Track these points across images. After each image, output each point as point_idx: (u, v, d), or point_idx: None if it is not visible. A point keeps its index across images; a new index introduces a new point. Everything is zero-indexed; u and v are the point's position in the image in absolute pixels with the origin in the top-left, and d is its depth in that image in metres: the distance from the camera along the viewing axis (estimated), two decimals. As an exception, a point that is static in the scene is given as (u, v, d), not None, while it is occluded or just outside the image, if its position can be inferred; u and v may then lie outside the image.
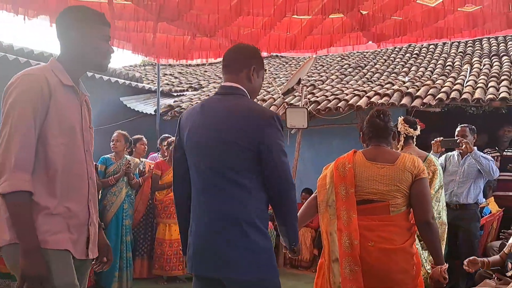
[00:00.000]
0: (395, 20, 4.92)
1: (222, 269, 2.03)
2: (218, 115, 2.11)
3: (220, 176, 2.06)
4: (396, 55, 10.51)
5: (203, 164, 2.11)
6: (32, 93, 1.83)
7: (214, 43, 5.79)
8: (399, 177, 2.59)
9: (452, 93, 6.44)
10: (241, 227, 2.02)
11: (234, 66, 2.22)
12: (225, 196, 2.05)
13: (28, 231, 1.75)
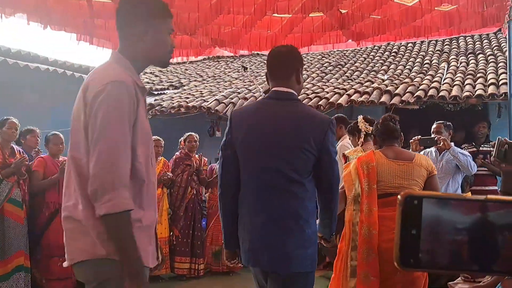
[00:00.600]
0: (373, 19, 5.00)
1: (281, 262, 2.15)
2: (280, 120, 2.21)
3: (281, 176, 2.16)
4: (376, 54, 10.64)
5: (263, 164, 2.20)
6: (126, 104, 1.66)
7: (195, 42, 5.79)
8: (417, 173, 2.94)
9: (430, 91, 6.56)
10: (299, 224, 2.16)
11: (284, 72, 2.29)
12: (286, 194, 2.17)
13: (134, 251, 1.64)
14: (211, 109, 7.60)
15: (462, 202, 0.64)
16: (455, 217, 0.64)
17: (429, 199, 0.64)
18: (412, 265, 0.64)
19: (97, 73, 1.76)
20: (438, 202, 0.64)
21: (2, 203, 4.35)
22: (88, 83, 1.71)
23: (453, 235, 0.64)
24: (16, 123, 4.59)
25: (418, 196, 0.64)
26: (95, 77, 1.72)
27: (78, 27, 5.10)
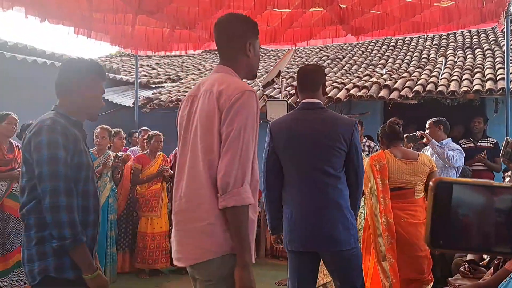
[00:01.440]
0: (373, 14, 5.00)
1: (330, 244, 2.61)
2: (314, 126, 2.67)
3: (321, 172, 2.62)
4: (374, 47, 10.64)
5: (305, 164, 2.65)
6: (256, 111, 1.85)
7: (194, 35, 5.77)
8: (421, 170, 3.53)
9: (428, 86, 6.58)
10: (341, 210, 2.61)
11: (312, 86, 2.76)
12: (327, 187, 2.62)
13: (249, 244, 1.80)
14: (209, 103, 7.58)
15: (489, 188, 0.68)
16: (482, 202, 0.68)
17: (459, 184, 0.68)
18: (441, 246, 0.69)
19: (224, 82, 1.88)
20: (467, 187, 0.69)
21: (2, 199, 4.34)
22: (221, 91, 1.84)
23: (480, 218, 0.68)
24: (15, 118, 4.56)
25: (449, 182, 0.68)
26: (225, 86, 1.85)
27: (76, 21, 5.07)
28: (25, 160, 1.98)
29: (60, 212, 1.89)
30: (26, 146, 1.98)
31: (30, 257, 1.96)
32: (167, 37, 5.79)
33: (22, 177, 2.01)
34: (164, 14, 4.60)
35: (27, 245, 1.97)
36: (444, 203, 0.68)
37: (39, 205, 1.93)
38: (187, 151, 1.92)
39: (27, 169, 1.97)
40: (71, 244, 1.91)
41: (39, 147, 1.92)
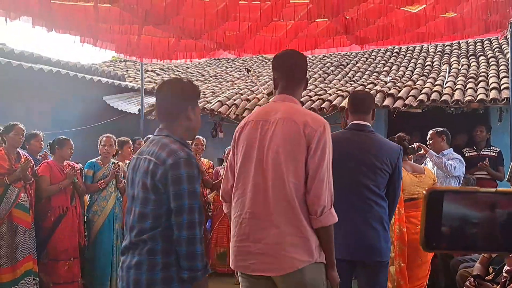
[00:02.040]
0: (378, 24, 5.02)
1: (374, 254, 2.80)
2: (365, 147, 2.85)
3: (367, 190, 2.79)
4: (377, 54, 10.66)
5: (354, 181, 2.80)
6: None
7: (199, 45, 5.80)
8: (428, 183, 3.93)
9: (433, 95, 6.59)
10: (383, 225, 2.81)
11: (364, 109, 2.96)
12: (372, 204, 2.79)
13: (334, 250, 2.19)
14: (214, 111, 7.62)
15: (476, 194, 0.77)
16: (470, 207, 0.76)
17: (449, 192, 0.77)
18: (434, 247, 0.77)
19: (304, 114, 2.21)
20: (456, 195, 0.77)
21: (10, 209, 4.38)
22: (305, 123, 2.12)
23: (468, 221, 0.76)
24: (23, 129, 4.60)
25: (440, 191, 0.77)
26: (307, 117, 2.16)
27: (82, 30, 5.11)
28: (154, 188, 2.04)
29: (195, 245, 2.00)
30: (160, 176, 2.02)
31: (152, 282, 2.02)
32: (172, 46, 5.83)
33: (145, 203, 2.06)
34: (170, 25, 4.62)
35: (149, 269, 2.02)
36: (436, 209, 0.76)
37: (166, 232, 2.03)
38: (251, 167, 2.17)
39: (157, 197, 2.03)
40: (202, 276, 2.04)
41: (179, 181, 2.00)
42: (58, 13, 4.52)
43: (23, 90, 6.69)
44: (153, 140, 2.18)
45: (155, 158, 2.05)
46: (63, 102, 7.52)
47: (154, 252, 2.03)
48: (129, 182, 2.21)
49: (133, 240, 2.07)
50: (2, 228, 4.36)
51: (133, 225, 2.09)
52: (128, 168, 2.26)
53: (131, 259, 2.07)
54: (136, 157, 2.21)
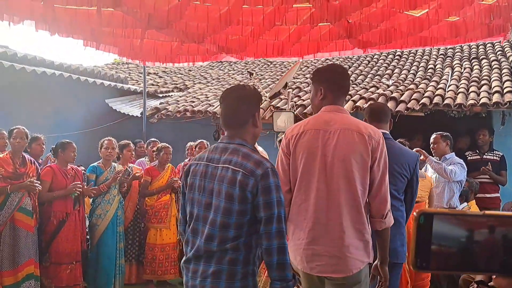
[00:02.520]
0: (381, 28, 5.02)
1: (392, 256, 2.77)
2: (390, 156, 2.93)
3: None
4: (379, 57, 10.66)
5: None
6: None
7: (202, 48, 5.81)
8: (428, 186, 4.24)
9: (435, 98, 6.59)
10: (401, 228, 2.94)
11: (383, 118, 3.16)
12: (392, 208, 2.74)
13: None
14: (216, 114, 7.62)
15: (464, 216, 0.81)
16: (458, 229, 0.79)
17: (438, 214, 0.79)
18: (424, 267, 0.80)
19: (366, 125, 2.41)
20: (445, 216, 0.80)
21: (13, 212, 4.39)
22: (369, 134, 2.32)
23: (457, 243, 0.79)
24: (22, 131, 4.58)
25: (430, 213, 0.80)
26: (369, 129, 2.37)
27: (85, 34, 5.12)
28: (242, 199, 2.03)
29: (285, 254, 2.00)
30: (252, 187, 2.02)
31: None
32: (175, 50, 5.83)
33: (229, 213, 2.04)
34: (173, 29, 4.63)
35: (229, 278, 2.03)
36: (426, 231, 0.78)
37: (248, 242, 2.06)
38: (313, 174, 2.32)
39: (242, 208, 2.03)
40: (292, 285, 2.04)
41: (268, 191, 2.02)
42: (62, 17, 4.53)
43: (26, 93, 6.71)
44: (225, 148, 2.14)
45: (242, 168, 2.03)
46: (65, 105, 7.53)
47: (235, 262, 2.04)
48: (195, 188, 2.16)
49: (214, 249, 2.05)
50: (5, 231, 4.38)
51: (212, 234, 2.06)
52: (191, 174, 2.21)
53: (206, 268, 2.05)
54: (204, 163, 2.15)
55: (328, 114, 2.41)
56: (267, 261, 2.01)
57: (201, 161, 2.18)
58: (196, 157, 2.28)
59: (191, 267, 2.11)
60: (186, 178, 2.22)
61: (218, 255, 2.04)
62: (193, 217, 2.15)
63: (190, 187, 2.19)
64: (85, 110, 7.93)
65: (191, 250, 2.12)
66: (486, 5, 4.40)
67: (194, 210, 2.16)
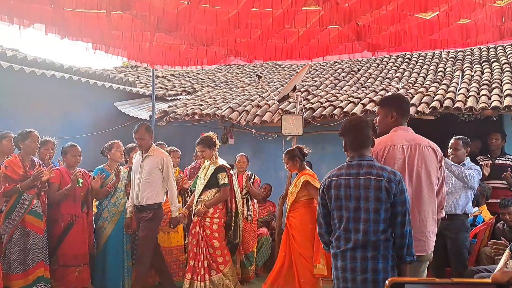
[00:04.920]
0: (390, 31, 4.98)
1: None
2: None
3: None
4: (389, 60, 10.60)
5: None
6: None
7: (210, 51, 5.81)
8: None
9: (445, 102, 6.51)
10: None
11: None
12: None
13: None
14: (225, 117, 7.61)
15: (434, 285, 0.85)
16: None
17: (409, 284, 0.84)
18: None
19: (429, 141, 3.18)
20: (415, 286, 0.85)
21: (23, 215, 4.40)
22: (435, 147, 3.17)
23: None
24: (38, 136, 4.61)
25: (401, 282, 0.84)
26: (433, 144, 3.19)
27: (94, 38, 5.14)
28: (387, 200, 2.71)
29: (412, 237, 2.76)
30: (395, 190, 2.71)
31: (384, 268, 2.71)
32: (184, 53, 5.84)
33: (379, 212, 2.71)
34: (182, 32, 4.63)
35: (383, 259, 2.71)
36: None
37: (389, 231, 2.75)
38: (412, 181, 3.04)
39: (387, 207, 2.72)
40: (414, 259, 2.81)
41: (403, 191, 2.74)
42: (71, 20, 4.55)
43: (35, 96, 6.74)
44: (360, 164, 2.81)
45: (385, 179, 2.72)
46: (74, 108, 7.55)
47: (387, 247, 2.73)
48: (341, 197, 2.79)
49: (369, 240, 2.71)
50: (15, 234, 4.39)
51: (367, 229, 2.71)
52: (333, 188, 2.82)
53: (365, 254, 2.71)
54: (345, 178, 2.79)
55: (402, 133, 3.14)
56: (401, 243, 2.72)
57: (341, 177, 2.82)
58: (333, 174, 2.88)
59: (349, 254, 2.74)
60: (329, 191, 2.84)
61: (373, 244, 2.70)
62: (343, 219, 2.78)
63: (336, 198, 2.82)
64: (94, 113, 7.95)
65: (347, 243, 2.75)
66: (497, 7, 4.34)
67: (343, 214, 2.78)
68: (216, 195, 5.12)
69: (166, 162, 5.07)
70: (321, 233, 2.98)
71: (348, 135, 2.92)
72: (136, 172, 5.06)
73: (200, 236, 5.04)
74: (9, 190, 4.39)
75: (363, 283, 2.70)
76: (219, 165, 5.19)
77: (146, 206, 4.94)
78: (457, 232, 4.66)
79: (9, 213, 4.41)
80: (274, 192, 6.71)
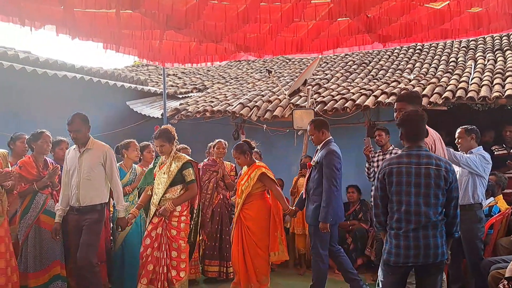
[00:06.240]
0: (401, 22, 4.94)
1: None
2: None
3: None
4: (400, 51, 10.51)
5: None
6: None
7: (220, 48, 5.82)
8: None
9: (458, 92, 6.44)
10: None
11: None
12: None
13: None
14: (235, 113, 7.62)
15: None
16: None
17: None
18: None
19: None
20: None
21: (38, 215, 4.46)
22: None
23: None
24: (50, 136, 4.66)
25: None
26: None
27: (105, 37, 5.17)
28: (445, 186, 3.13)
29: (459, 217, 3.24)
30: (451, 178, 3.15)
31: (442, 244, 3.16)
32: (194, 50, 5.85)
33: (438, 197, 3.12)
34: (191, 29, 4.64)
35: (441, 236, 3.16)
36: None
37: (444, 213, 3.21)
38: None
39: (443, 192, 3.14)
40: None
41: (455, 179, 3.18)
42: (81, 20, 4.59)
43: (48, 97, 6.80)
44: (418, 154, 3.18)
45: (443, 168, 3.13)
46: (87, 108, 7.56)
47: (442, 226, 3.17)
48: (402, 183, 3.15)
49: (431, 221, 3.11)
50: (30, 234, 4.46)
51: (428, 211, 3.11)
52: (395, 174, 3.18)
53: (426, 233, 3.11)
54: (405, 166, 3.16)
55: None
56: (452, 222, 3.19)
57: (402, 165, 3.17)
58: (393, 161, 3.22)
59: (411, 234, 3.12)
60: (390, 177, 3.19)
61: (433, 224, 3.12)
62: (403, 203, 3.13)
63: (397, 183, 3.17)
64: (106, 112, 8.01)
65: (408, 224, 3.13)
66: (509, -6, 4.28)
67: (403, 198, 3.14)
68: (181, 191, 4.72)
69: (109, 156, 4.51)
70: (378, 214, 3.32)
71: (405, 126, 3.27)
72: (73, 170, 4.45)
73: (162, 239, 4.58)
74: (25, 190, 4.46)
75: (425, 257, 3.11)
76: (186, 160, 4.77)
77: (90, 208, 4.38)
78: (469, 223, 4.56)
79: (24, 213, 4.48)
80: (286, 187, 6.70)
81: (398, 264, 3.18)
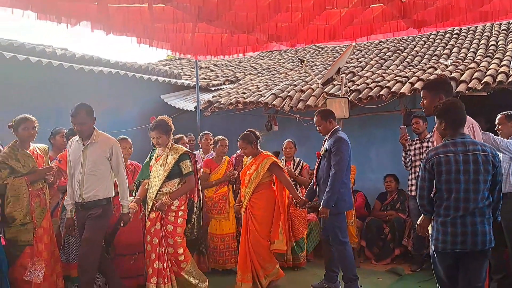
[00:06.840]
0: (437, 6, 4.78)
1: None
2: None
3: None
4: (436, 36, 10.20)
5: None
6: None
7: (252, 38, 5.80)
8: None
9: (498, 76, 6.19)
10: None
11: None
12: None
13: None
14: (268, 104, 7.60)
15: None
16: None
17: None
18: None
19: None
20: None
21: None
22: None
23: None
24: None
25: None
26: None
27: (138, 32, 5.23)
28: (492, 170, 3.19)
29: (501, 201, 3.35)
30: (498, 164, 3.22)
31: (489, 231, 3.21)
32: (225, 41, 5.86)
33: (486, 182, 3.18)
34: (223, 21, 4.64)
35: (489, 224, 3.21)
36: None
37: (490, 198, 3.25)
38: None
39: (490, 177, 3.20)
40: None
41: (500, 163, 3.28)
42: (115, 16, 4.66)
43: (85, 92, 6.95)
44: (463, 142, 3.20)
45: (490, 154, 3.19)
46: (122, 102, 7.76)
47: (489, 212, 3.22)
48: (451, 171, 3.17)
49: (478, 207, 3.16)
50: (71, 225, 4.58)
51: (476, 197, 3.15)
52: (444, 163, 3.19)
53: (473, 219, 3.15)
54: (452, 154, 3.18)
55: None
56: (496, 206, 3.28)
57: (449, 153, 3.19)
58: (440, 151, 3.22)
59: (459, 221, 3.16)
60: (439, 166, 3.20)
61: (480, 210, 3.16)
62: (452, 191, 3.16)
63: (446, 172, 3.19)
64: (141, 106, 8.14)
65: (456, 211, 3.16)
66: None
67: (452, 186, 3.17)
68: (179, 185, 4.65)
69: (116, 150, 4.36)
70: (424, 204, 3.34)
71: (447, 116, 3.27)
72: (77, 164, 4.30)
73: (162, 234, 4.56)
74: (65, 184, 4.58)
75: (474, 244, 3.14)
76: (182, 151, 4.67)
77: (94, 203, 4.26)
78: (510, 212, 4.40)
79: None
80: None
81: (445, 250, 3.21)
